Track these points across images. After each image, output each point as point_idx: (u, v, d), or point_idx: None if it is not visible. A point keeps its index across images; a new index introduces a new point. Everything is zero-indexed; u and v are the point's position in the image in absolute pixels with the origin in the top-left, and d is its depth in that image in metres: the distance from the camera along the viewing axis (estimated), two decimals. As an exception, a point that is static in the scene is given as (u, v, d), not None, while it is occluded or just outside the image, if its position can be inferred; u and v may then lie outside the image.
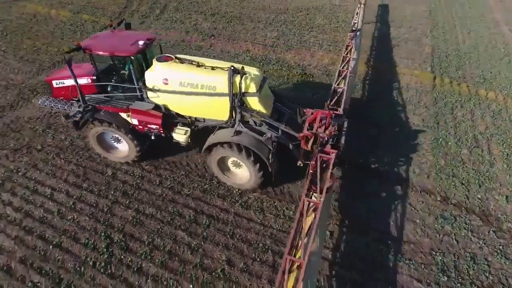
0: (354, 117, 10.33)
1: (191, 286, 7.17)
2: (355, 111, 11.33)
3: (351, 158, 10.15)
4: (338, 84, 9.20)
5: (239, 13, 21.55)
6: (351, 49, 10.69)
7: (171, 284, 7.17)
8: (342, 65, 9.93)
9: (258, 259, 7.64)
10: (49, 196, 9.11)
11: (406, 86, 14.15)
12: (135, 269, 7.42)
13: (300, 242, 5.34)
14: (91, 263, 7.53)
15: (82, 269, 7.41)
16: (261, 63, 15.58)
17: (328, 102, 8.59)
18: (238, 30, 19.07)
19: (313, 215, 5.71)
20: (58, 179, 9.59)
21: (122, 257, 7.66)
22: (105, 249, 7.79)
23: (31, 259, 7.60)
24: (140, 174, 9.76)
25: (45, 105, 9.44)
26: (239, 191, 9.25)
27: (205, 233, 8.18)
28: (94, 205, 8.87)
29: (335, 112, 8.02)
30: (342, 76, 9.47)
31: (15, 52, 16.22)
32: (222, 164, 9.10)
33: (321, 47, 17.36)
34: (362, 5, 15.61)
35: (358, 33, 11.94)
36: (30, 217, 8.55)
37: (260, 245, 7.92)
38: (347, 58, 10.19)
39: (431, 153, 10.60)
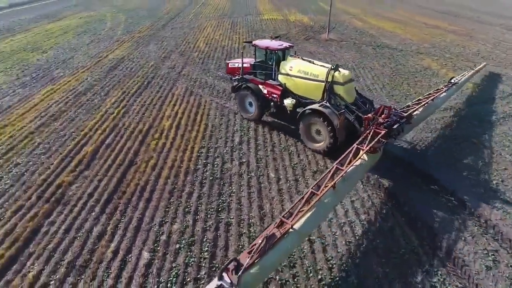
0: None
1: None
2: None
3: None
4: (413, 104, 12.01)
5: None
6: (440, 92, 13.39)
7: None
8: (425, 96, 13.09)
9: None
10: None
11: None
12: None
13: (349, 159, 8.30)
14: None
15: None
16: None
17: (402, 107, 11.86)
18: None
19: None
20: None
21: None
22: None
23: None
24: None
25: (220, 75, 19.10)
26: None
27: None
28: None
29: (400, 113, 10.48)
30: (420, 101, 12.31)
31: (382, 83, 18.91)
32: (308, 133, 12.36)
33: None
34: (473, 71, 17.51)
35: (454, 86, 14.42)
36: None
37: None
38: (432, 94, 13.08)
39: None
